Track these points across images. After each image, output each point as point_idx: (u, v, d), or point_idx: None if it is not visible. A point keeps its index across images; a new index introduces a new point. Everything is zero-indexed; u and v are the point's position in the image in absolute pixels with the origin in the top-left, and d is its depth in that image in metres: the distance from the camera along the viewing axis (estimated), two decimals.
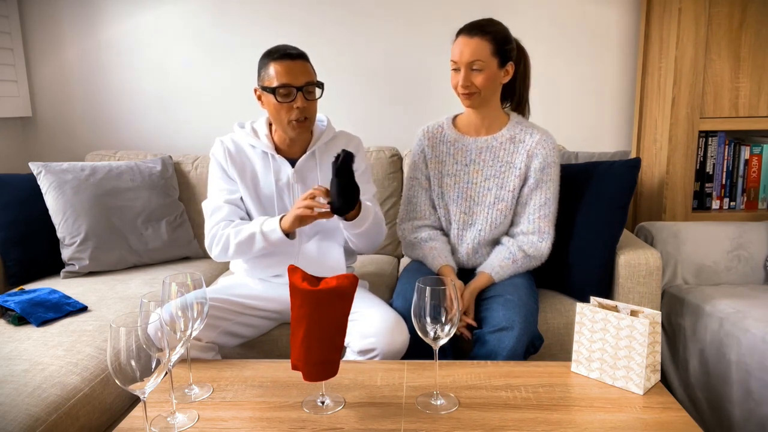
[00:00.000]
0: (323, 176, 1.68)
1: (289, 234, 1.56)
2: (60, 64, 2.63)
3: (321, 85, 1.59)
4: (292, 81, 1.53)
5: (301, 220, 1.50)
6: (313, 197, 1.47)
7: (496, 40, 1.63)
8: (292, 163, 1.67)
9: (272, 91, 1.55)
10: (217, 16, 2.56)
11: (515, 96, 1.79)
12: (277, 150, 1.68)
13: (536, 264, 1.73)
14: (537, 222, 1.70)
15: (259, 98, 1.63)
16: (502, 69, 1.66)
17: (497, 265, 1.68)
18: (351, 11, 2.52)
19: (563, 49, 2.51)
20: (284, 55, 1.54)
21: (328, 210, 1.47)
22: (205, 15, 2.56)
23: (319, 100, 1.63)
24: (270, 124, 1.70)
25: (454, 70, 1.65)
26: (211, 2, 2.55)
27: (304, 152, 1.67)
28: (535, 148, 1.69)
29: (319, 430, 1.12)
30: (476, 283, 1.66)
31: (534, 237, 1.69)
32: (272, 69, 1.54)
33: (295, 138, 1.64)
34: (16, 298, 1.72)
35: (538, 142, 1.69)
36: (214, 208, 1.66)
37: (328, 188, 1.47)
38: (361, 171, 1.70)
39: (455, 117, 1.82)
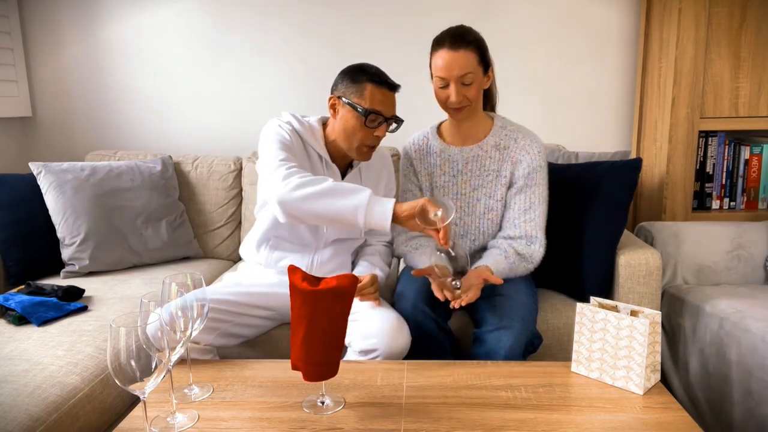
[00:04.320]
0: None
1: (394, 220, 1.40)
2: (60, 64, 2.64)
3: (400, 121, 1.60)
4: (384, 111, 1.55)
5: (422, 213, 1.38)
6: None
7: (480, 48, 1.58)
8: (341, 172, 1.68)
9: (362, 111, 1.53)
10: (216, 16, 2.56)
11: (489, 98, 1.76)
12: (332, 158, 1.67)
13: (530, 267, 1.68)
14: (522, 226, 1.66)
15: (333, 107, 1.60)
16: (485, 76, 1.63)
17: (491, 261, 1.63)
18: (350, 11, 2.52)
19: (563, 49, 2.51)
20: (385, 82, 1.55)
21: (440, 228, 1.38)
22: (205, 15, 2.56)
23: (317, 100, 1.63)
24: (323, 125, 1.67)
25: (443, 86, 1.59)
26: (210, 2, 2.55)
27: (348, 163, 1.70)
28: (519, 154, 1.66)
29: (319, 430, 1.12)
30: (480, 269, 1.60)
31: (522, 241, 1.66)
32: (368, 90, 1.53)
33: (362, 159, 1.64)
34: (18, 297, 1.72)
35: (522, 147, 1.66)
36: (284, 157, 1.50)
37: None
38: (391, 195, 1.78)
39: (439, 126, 1.80)
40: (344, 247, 1.74)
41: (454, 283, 1.49)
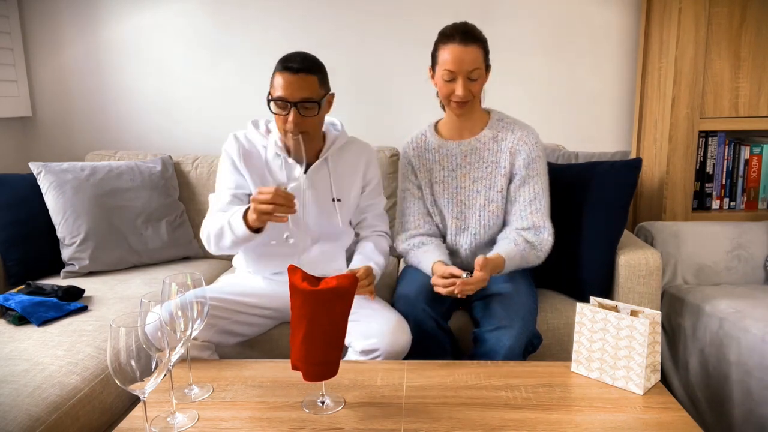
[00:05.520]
0: (336, 182, 1.67)
1: (257, 229, 1.47)
2: (60, 64, 2.64)
3: (320, 102, 1.54)
4: (287, 96, 1.50)
5: (260, 219, 1.42)
6: (274, 201, 1.38)
7: (485, 45, 1.62)
8: (305, 167, 1.63)
9: (269, 100, 1.54)
10: (216, 15, 2.56)
11: None
12: (290, 153, 1.63)
13: (540, 255, 1.68)
14: (530, 218, 1.68)
15: None
16: (486, 74, 1.65)
17: (503, 250, 1.63)
18: (350, 10, 2.52)
19: (563, 50, 2.51)
20: (287, 67, 1.51)
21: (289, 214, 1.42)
22: (205, 15, 2.56)
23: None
24: None
25: (450, 80, 1.60)
26: (210, 2, 2.55)
27: (317, 157, 1.65)
28: (517, 145, 1.68)
29: (319, 430, 1.12)
30: (491, 256, 1.59)
31: (531, 232, 1.68)
32: (275, 78, 1.53)
33: (294, 149, 1.60)
34: (17, 297, 1.72)
35: (519, 138, 1.68)
36: (217, 199, 1.65)
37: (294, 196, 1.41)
38: (373, 186, 1.73)
39: (436, 123, 1.81)
40: (332, 244, 1.71)
41: (465, 274, 1.51)
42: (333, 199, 1.67)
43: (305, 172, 1.63)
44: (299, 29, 2.54)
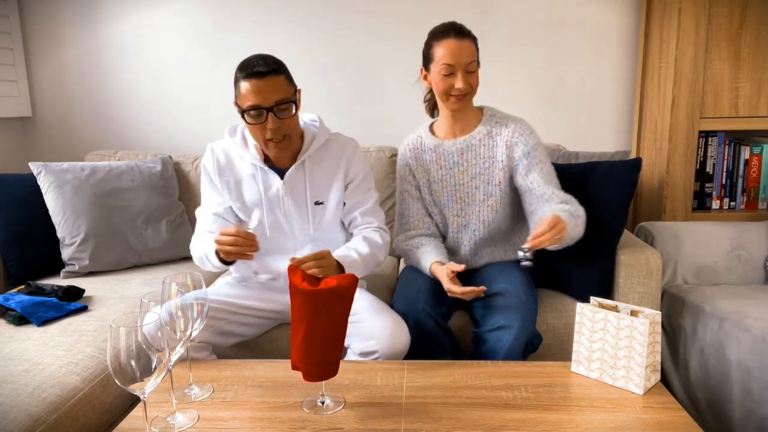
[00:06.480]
0: (313, 187, 1.63)
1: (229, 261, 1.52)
2: (60, 64, 2.64)
3: (295, 101, 1.50)
4: (261, 102, 1.46)
5: (228, 257, 1.47)
6: (235, 241, 1.41)
7: (476, 41, 1.67)
8: (282, 173, 1.61)
9: (243, 112, 1.50)
10: (216, 15, 2.56)
11: None
12: (267, 160, 1.62)
13: (580, 224, 1.61)
14: (554, 196, 1.64)
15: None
16: (478, 68, 1.68)
17: (554, 210, 1.56)
18: (350, 10, 2.52)
19: (563, 49, 2.51)
20: (252, 73, 1.46)
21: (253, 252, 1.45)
22: (205, 14, 2.56)
23: (319, 99, 1.60)
24: None
25: (448, 74, 1.63)
26: (210, 2, 2.55)
27: (295, 160, 1.62)
28: (513, 138, 1.69)
29: (319, 430, 1.12)
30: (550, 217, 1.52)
31: (564, 205, 1.62)
32: (243, 87, 1.47)
33: (277, 155, 1.59)
34: (17, 297, 1.72)
35: (513, 131, 1.70)
36: (201, 218, 1.67)
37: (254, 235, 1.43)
38: (357, 182, 1.66)
39: (431, 124, 1.82)
40: (323, 249, 1.66)
41: (523, 252, 1.49)
42: (314, 203, 1.64)
43: (282, 179, 1.61)
44: (299, 29, 2.54)
